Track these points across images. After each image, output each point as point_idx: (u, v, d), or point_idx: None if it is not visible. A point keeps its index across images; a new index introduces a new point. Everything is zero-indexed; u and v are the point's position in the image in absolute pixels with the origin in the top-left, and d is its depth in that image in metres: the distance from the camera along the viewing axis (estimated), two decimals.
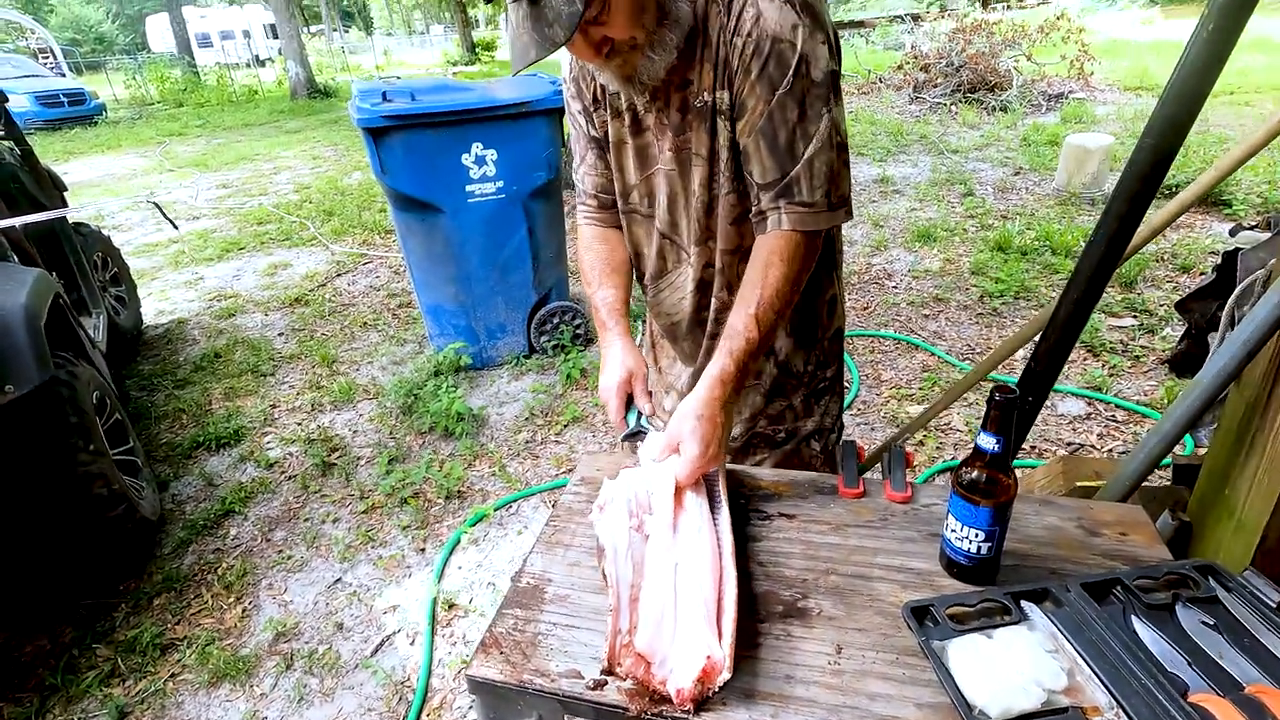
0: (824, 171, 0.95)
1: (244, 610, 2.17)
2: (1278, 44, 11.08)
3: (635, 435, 1.09)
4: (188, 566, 2.35)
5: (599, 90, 1.11)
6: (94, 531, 2.11)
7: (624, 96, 1.06)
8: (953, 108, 8.59)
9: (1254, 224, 2.85)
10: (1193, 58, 0.96)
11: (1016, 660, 0.72)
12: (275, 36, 24.78)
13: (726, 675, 0.72)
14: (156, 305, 4.58)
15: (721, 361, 0.98)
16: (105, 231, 4.07)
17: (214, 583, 2.28)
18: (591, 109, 1.14)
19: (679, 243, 1.18)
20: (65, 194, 3.77)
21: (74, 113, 13.99)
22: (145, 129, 13.20)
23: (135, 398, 3.41)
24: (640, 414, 1.11)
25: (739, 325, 0.99)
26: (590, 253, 1.24)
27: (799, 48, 0.90)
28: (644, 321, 1.46)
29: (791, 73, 0.91)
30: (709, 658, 0.72)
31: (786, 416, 1.30)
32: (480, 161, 3.00)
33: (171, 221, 3.91)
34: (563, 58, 1.16)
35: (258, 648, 2.03)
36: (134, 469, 2.48)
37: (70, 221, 3.40)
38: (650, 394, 1.15)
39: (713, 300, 1.19)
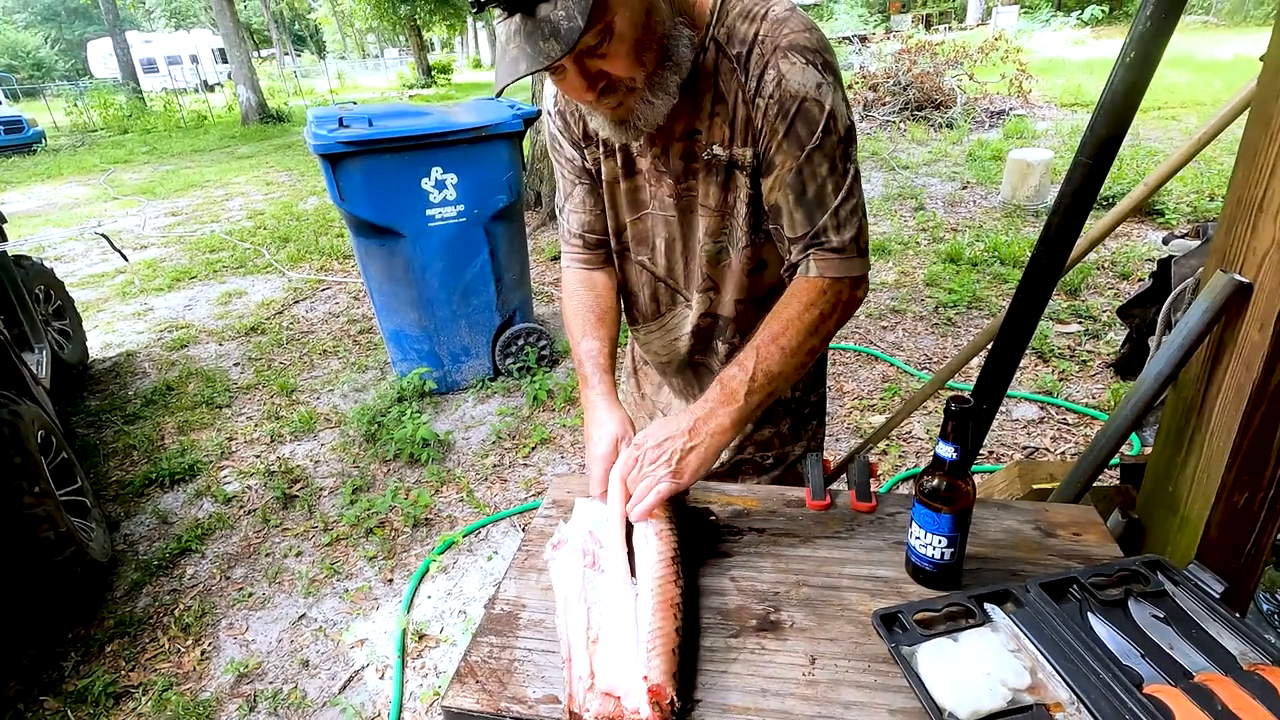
0: (850, 220, 0.95)
1: (203, 652, 2.09)
2: (1198, 62, 11.76)
3: None
4: (142, 609, 2.26)
5: (588, 125, 1.05)
6: (40, 577, 2.02)
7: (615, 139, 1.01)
8: (901, 125, 8.89)
9: (1185, 232, 3.01)
10: (1118, 82, 1.02)
11: (982, 662, 0.74)
12: (224, 61, 24.39)
13: (670, 693, 0.73)
14: (103, 338, 4.42)
15: (710, 389, 0.97)
16: (47, 263, 3.94)
17: (170, 625, 2.19)
18: (582, 144, 1.09)
19: (675, 287, 1.16)
20: (4, 226, 3.63)
21: (11, 141, 13.54)
22: (88, 156, 12.81)
23: (82, 435, 3.28)
24: None
25: (739, 355, 0.98)
26: (574, 299, 1.18)
27: (826, 105, 0.90)
28: (627, 346, 1.44)
29: (820, 129, 0.91)
30: (645, 678, 0.73)
31: (775, 443, 1.30)
32: (440, 186, 2.99)
33: (121, 253, 3.80)
34: (547, 89, 1.10)
35: (219, 691, 1.96)
36: (82, 509, 2.38)
37: (9, 254, 3.28)
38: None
39: (720, 345, 1.18)
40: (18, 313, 3.18)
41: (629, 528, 0.93)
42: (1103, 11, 21.51)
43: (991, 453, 2.67)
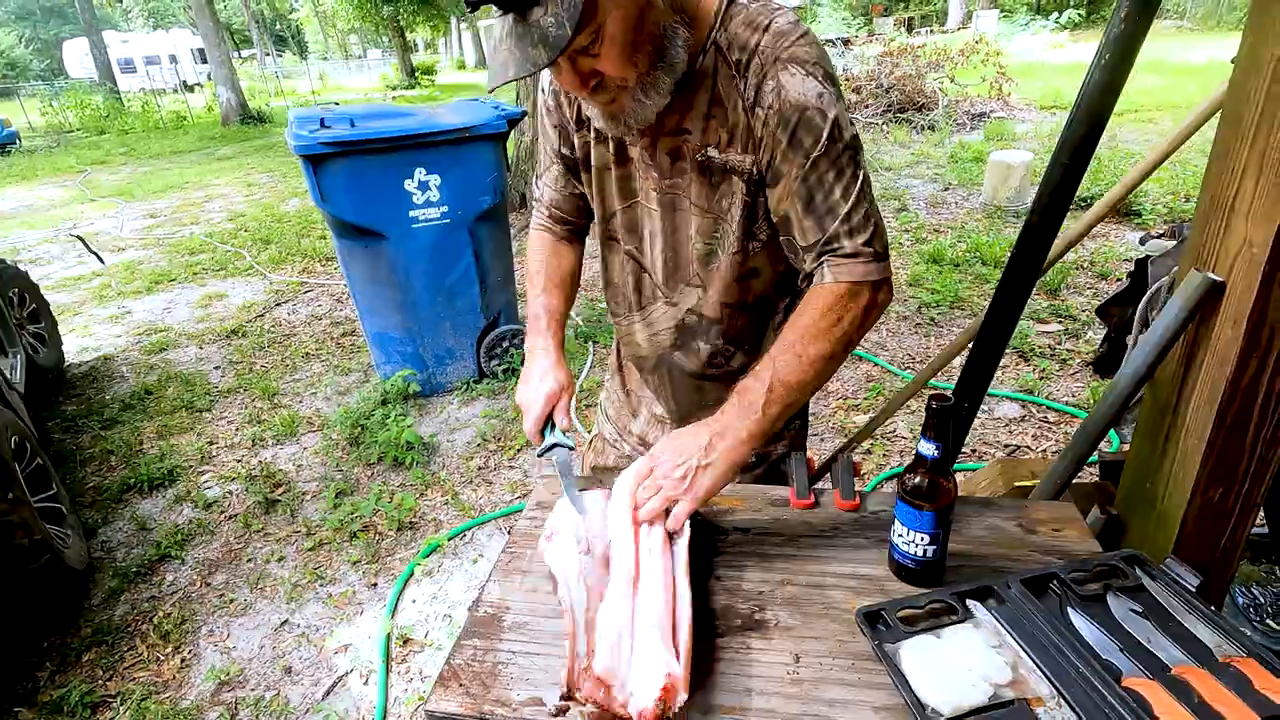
0: (864, 225, 0.93)
1: (183, 660, 2.06)
2: (1172, 66, 11.96)
3: (551, 449, 1.07)
4: (120, 617, 2.22)
5: (582, 109, 1.06)
6: (14, 585, 1.98)
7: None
8: (884, 127, 8.96)
9: (1161, 233, 3.07)
10: (1093, 84, 1.04)
11: (964, 658, 0.75)
12: (204, 62, 24.09)
13: (684, 695, 0.73)
14: (80, 342, 4.35)
15: (728, 402, 0.95)
16: (22, 266, 3.86)
17: (149, 633, 2.15)
18: (571, 127, 1.10)
19: (657, 281, 1.16)
20: None
21: None
22: (64, 158, 12.59)
23: (58, 440, 3.22)
24: (554, 426, 1.09)
25: (755, 366, 0.95)
26: (539, 257, 1.22)
27: (828, 115, 0.90)
28: (613, 344, 1.44)
29: (825, 137, 0.90)
30: (669, 675, 0.72)
31: None
32: (424, 187, 2.97)
33: (97, 255, 3.74)
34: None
35: (199, 699, 1.93)
36: (58, 516, 2.34)
37: None
38: (570, 413, 1.11)
39: (702, 346, 1.18)
40: None
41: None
42: (1080, 15, 21.83)
43: (974, 451, 2.70)
